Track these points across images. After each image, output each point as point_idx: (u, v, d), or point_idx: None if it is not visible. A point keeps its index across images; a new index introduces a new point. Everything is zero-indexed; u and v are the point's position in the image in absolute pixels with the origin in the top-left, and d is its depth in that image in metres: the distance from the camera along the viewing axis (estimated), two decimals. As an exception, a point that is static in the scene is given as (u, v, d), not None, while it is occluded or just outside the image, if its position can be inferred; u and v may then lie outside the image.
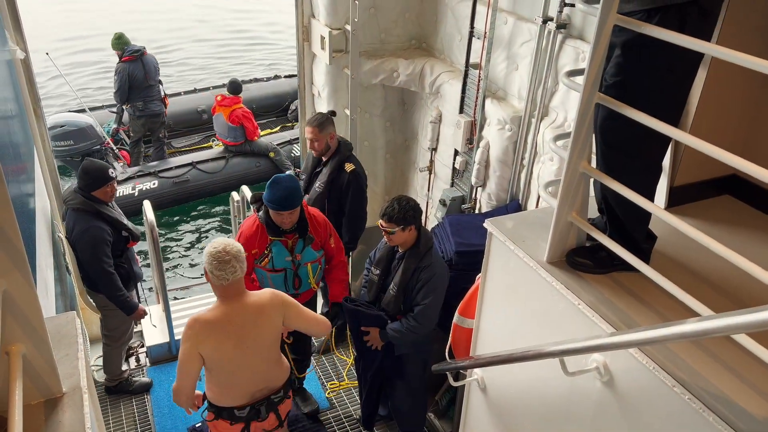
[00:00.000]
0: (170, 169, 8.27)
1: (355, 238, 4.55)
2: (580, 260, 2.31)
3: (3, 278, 1.52)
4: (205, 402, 3.21)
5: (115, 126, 8.80)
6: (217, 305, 2.92)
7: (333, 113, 4.43)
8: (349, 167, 4.30)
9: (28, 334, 1.64)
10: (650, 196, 2.20)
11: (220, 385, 3.09)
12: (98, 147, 8.33)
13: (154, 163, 8.50)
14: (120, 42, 8.12)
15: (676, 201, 2.66)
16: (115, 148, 8.63)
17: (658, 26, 1.85)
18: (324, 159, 4.39)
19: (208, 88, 10.35)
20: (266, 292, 3.04)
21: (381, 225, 3.47)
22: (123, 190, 7.83)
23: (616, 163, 2.16)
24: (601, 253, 2.29)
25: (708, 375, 1.82)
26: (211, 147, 9.33)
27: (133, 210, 7.54)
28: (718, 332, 1.38)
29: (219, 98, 8.51)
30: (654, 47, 1.90)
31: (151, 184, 8.05)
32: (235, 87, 8.48)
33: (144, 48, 8.15)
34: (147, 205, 4.81)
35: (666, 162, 2.54)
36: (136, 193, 7.89)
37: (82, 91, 12.32)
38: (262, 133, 9.09)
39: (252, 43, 15.78)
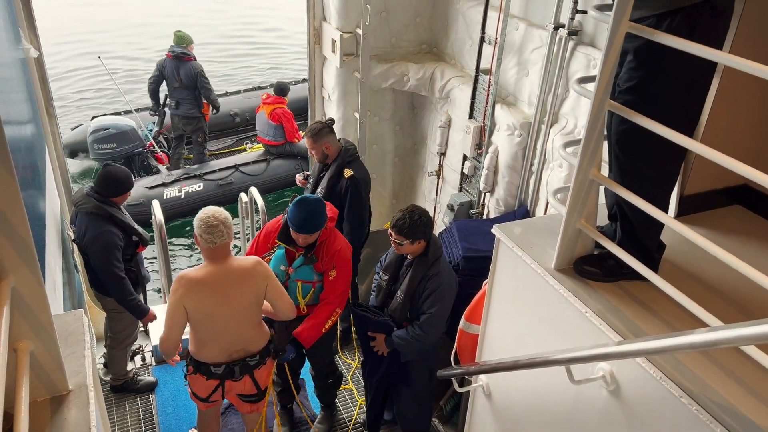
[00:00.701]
0: (214, 171, 8.38)
1: (354, 244, 4.50)
2: (588, 268, 2.30)
3: (12, 275, 1.53)
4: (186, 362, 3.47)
5: (156, 129, 8.89)
6: (204, 265, 3.18)
7: (331, 121, 4.38)
8: (347, 173, 4.26)
9: (36, 331, 1.64)
10: (663, 204, 2.19)
11: (201, 340, 3.30)
12: (140, 150, 8.45)
13: (198, 165, 8.60)
14: (174, 38, 8.23)
15: (686, 210, 2.64)
16: (158, 150, 8.72)
17: (668, 32, 1.83)
18: (328, 164, 4.40)
19: (239, 91, 10.46)
20: (251, 259, 3.29)
21: (390, 235, 3.46)
22: (169, 192, 7.95)
23: (629, 169, 2.15)
24: (609, 262, 2.28)
25: (716, 386, 1.80)
26: (245, 150, 9.41)
27: (179, 213, 7.85)
28: (727, 343, 1.36)
29: (264, 96, 8.65)
30: (664, 53, 1.89)
31: (196, 186, 8.16)
32: (281, 88, 8.62)
33: (188, 54, 8.17)
34: (156, 205, 4.84)
35: (677, 171, 2.53)
36: (183, 196, 8.01)
37: (79, 93, 12.40)
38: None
39: (257, 47, 15.82)
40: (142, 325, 4.35)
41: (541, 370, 2.33)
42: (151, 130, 8.80)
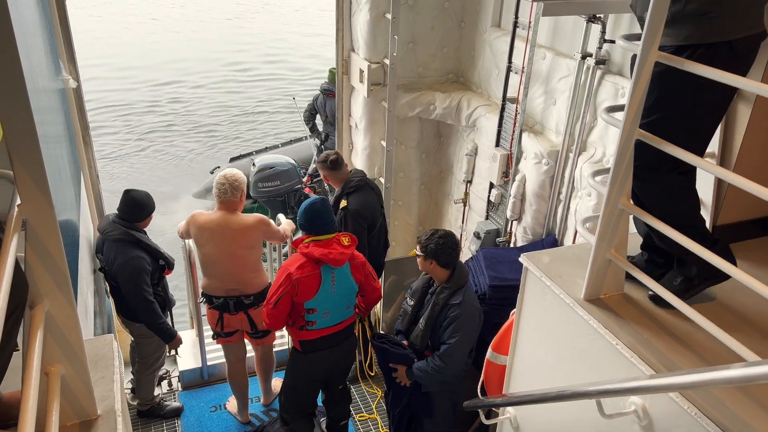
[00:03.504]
0: None
1: None
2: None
3: (46, 300, 1.56)
4: None
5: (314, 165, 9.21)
6: (214, 212, 4.08)
7: (335, 156, 4.37)
8: (343, 204, 4.29)
9: (68, 356, 1.67)
10: (693, 220, 2.15)
11: (204, 274, 4.16)
12: (299, 186, 8.69)
13: None
14: (328, 74, 8.52)
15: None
16: (309, 185, 8.99)
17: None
18: None
19: None
20: (254, 216, 4.11)
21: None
22: None
23: (641, 193, 2.14)
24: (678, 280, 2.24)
25: (754, 422, 1.74)
26: None
27: None
28: (765, 379, 1.32)
29: None
30: (680, 84, 1.90)
31: None
32: None
33: (333, 91, 8.28)
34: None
35: (709, 201, 2.49)
36: None
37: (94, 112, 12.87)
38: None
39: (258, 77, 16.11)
40: (168, 350, 4.40)
41: (571, 403, 2.27)
42: (297, 166, 9.06)
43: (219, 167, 9.79)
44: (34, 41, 2.73)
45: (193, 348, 5.12)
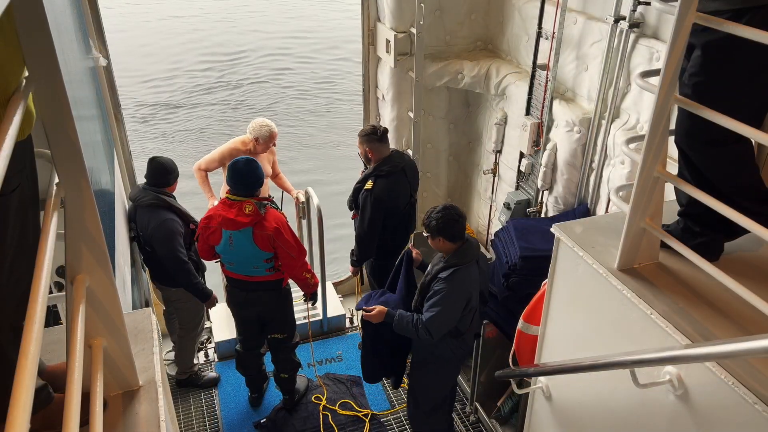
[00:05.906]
0: None
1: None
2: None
3: (87, 275, 1.61)
4: None
5: None
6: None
7: (384, 130, 4.34)
8: (368, 185, 4.27)
9: (109, 329, 1.72)
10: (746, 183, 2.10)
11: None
12: None
13: None
14: None
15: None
16: None
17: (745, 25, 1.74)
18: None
19: None
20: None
21: None
22: None
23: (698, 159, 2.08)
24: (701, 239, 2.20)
25: (794, 393, 1.71)
26: None
27: None
28: (806, 348, 1.29)
29: None
30: (736, 50, 1.81)
31: None
32: None
33: None
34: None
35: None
36: None
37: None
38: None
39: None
40: (206, 310, 4.55)
41: (605, 373, 2.27)
42: None
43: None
44: (65, 20, 2.76)
45: (228, 320, 5.22)
